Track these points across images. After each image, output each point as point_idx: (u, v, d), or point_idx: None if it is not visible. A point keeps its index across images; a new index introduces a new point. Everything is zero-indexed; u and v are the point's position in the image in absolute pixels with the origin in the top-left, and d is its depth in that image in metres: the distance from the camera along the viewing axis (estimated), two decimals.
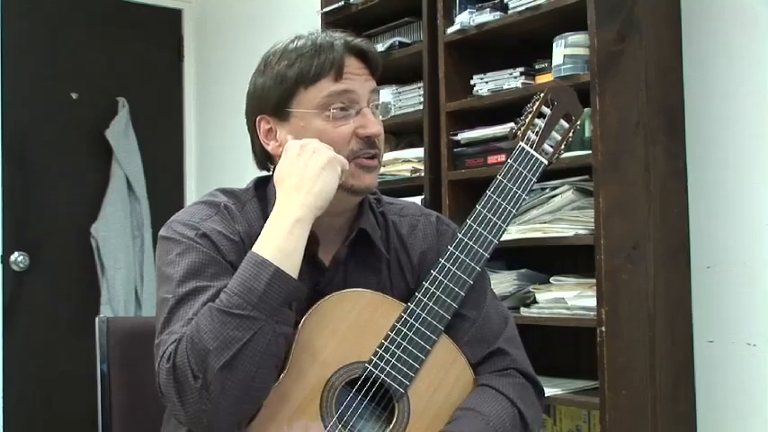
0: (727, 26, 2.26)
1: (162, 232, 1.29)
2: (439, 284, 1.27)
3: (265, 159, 1.38)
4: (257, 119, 1.33)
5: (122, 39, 4.01)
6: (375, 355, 1.23)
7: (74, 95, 3.87)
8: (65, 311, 3.74)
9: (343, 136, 1.27)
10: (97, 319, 1.57)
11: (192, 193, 4.16)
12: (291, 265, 1.17)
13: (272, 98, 1.29)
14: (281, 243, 1.18)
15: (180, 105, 4.19)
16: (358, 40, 1.31)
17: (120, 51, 3.99)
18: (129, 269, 3.82)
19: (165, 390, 1.15)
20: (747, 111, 2.22)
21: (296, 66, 1.27)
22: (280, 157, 1.30)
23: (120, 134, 3.87)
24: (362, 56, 1.30)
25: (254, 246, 1.20)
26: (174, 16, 4.19)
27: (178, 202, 4.12)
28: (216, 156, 4.08)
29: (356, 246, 1.33)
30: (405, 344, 1.24)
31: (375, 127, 1.28)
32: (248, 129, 1.37)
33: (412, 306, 1.26)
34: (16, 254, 3.67)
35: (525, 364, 1.36)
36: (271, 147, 1.33)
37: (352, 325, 1.24)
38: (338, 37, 1.30)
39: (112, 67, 3.96)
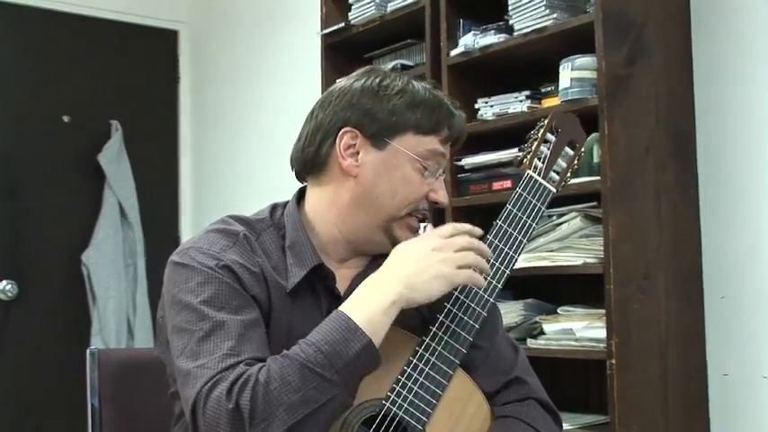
0: (738, 49, 2.28)
1: (176, 258, 1.29)
2: (454, 318, 1.29)
3: (313, 168, 1.36)
4: (343, 129, 1.33)
5: (116, 60, 4.04)
6: (392, 391, 1.25)
7: (65, 118, 3.90)
8: (54, 343, 3.73)
9: (421, 193, 1.33)
10: (88, 351, 1.58)
11: (187, 221, 4.17)
12: (377, 341, 1.19)
13: (378, 124, 1.32)
14: (374, 316, 1.20)
15: (175, 129, 4.21)
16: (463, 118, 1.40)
17: (114, 73, 4.02)
18: (122, 298, 3.81)
19: (211, 426, 1.14)
20: (760, 135, 2.23)
21: (418, 111, 1.32)
22: (354, 177, 1.32)
23: (113, 158, 3.89)
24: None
25: (345, 306, 1.21)
26: (170, 37, 4.22)
27: (173, 230, 4.13)
28: (213, 181, 4.09)
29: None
30: (422, 379, 1.25)
31: (446, 198, 1.36)
32: (317, 129, 1.35)
33: (428, 340, 1.28)
34: (4, 282, 3.67)
35: (541, 391, 1.39)
36: (347, 163, 1.32)
37: None
38: (453, 104, 1.38)
39: (105, 90, 3.98)
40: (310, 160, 1.36)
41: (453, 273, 1.23)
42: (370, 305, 1.20)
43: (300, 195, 1.40)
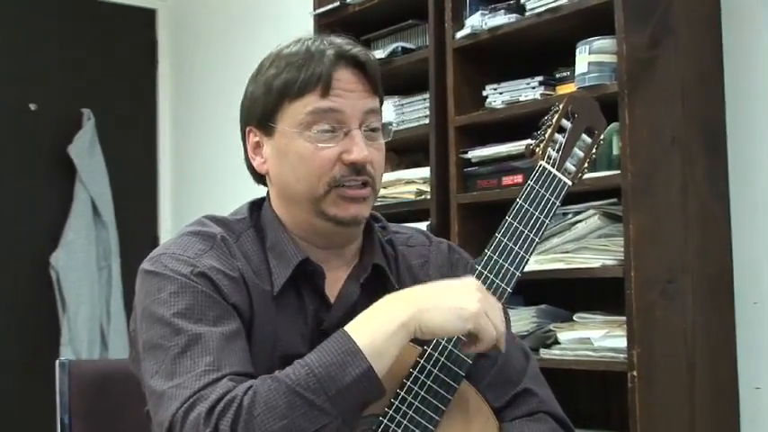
0: None
1: (147, 266, 1.28)
2: None
3: (254, 175, 1.39)
4: (246, 130, 1.36)
5: (88, 42, 4.04)
6: (390, 406, 1.24)
7: (32, 106, 3.90)
8: (19, 354, 3.74)
9: (326, 161, 1.28)
10: (57, 363, 1.58)
11: (166, 219, 4.17)
12: (381, 367, 1.16)
13: (258, 109, 1.32)
14: (378, 339, 1.17)
15: (153, 118, 4.22)
16: (355, 50, 1.31)
17: (86, 56, 4.02)
18: (94, 305, 3.82)
19: None
20: None
21: (283, 76, 1.29)
22: (265, 173, 1.34)
23: (85, 151, 3.90)
24: (359, 68, 1.31)
25: (350, 325, 1.19)
26: (148, 17, 4.23)
27: (150, 229, 4.14)
28: (195, 176, 4.10)
29: (367, 282, 1.35)
30: (423, 393, 1.25)
31: (361, 153, 1.28)
32: (241, 140, 1.39)
33: (429, 350, 1.27)
34: None
35: (554, 404, 1.38)
36: (256, 162, 1.35)
37: None
38: (332, 44, 1.31)
39: (76, 75, 3.99)
40: (249, 169, 1.39)
41: (481, 317, 1.19)
42: (375, 325, 1.18)
43: None
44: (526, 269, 1.33)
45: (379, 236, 1.41)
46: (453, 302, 1.19)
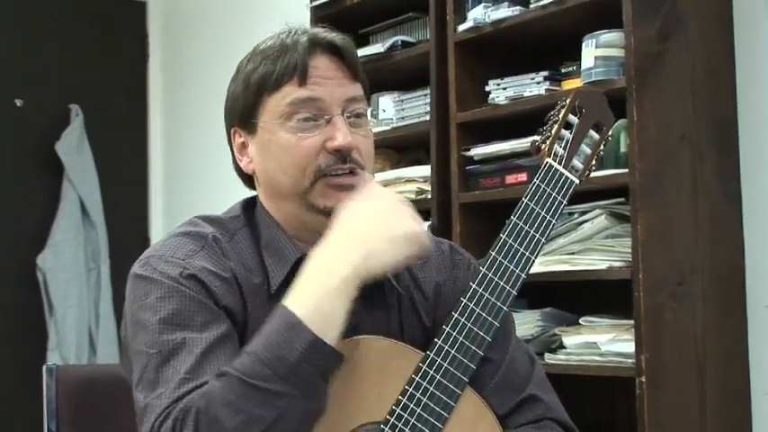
0: None
1: (136, 270, 1.28)
2: (462, 329, 1.28)
3: (247, 178, 1.39)
4: (232, 131, 1.37)
5: (76, 36, 4.03)
6: (392, 414, 1.24)
7: (18, 102, 3.90)
8: (5, 359, 3.73)
9: (309, 150, 1.28)
10: (44, 368, 1.57)
11: (157, 218, 4.17)
12: (332, 332, 1.15)
13: (239, 108, 1.34)
14: (320, 303, 1.16)
15: (144, 114, 4.21)
16: (330, 36, 1.33)
17: (74, 51, 4.02)
18: (83, 308, 3.81)
19: None
20: None
21: (260, 69, 1.31)
22: (252, 173, 1.34)
23: (73, 148, 3.89)
24: (336, 54, 1.32)
25: (288, 300, 1.18)
26: (138, 10, 4.22)
27: (141, 229, 4.13)
28: (187, 175, 4.09)
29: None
30: (425, 400, 1.24)
31: (345, 138, 1.28)
32: (228, 143, 1.40)
33: (432, 355, 1.26)
34: None
35: (560, 410, 1.38)
36: (243, 163, 1.36)
37: (364, 379, 1.24)
38: (306, 33, 1.32)
39: (64, 70, 3.98)
40: (237, 171, 1.39)
41: (420, 231, 1.19)
42: (314, 290, 1.17)
43: None
44: (531, 271, 1.33)
45: None
46: (394, 231, 1.20)
